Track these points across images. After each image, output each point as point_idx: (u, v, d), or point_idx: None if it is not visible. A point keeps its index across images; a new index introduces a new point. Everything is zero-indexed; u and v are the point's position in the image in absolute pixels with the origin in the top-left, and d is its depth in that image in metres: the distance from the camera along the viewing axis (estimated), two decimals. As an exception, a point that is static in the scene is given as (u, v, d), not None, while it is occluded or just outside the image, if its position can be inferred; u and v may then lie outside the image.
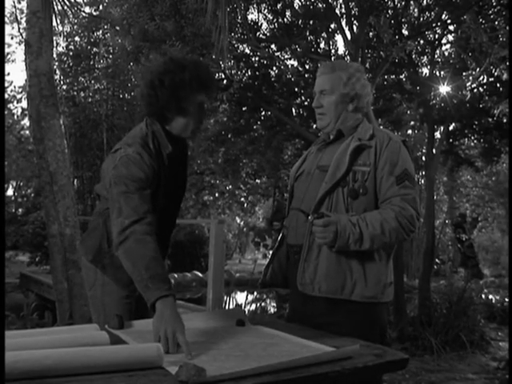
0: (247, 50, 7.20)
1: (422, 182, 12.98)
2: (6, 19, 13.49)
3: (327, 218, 1.84)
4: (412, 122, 9.22)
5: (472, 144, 9.77)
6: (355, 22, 6.32)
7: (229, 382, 1.17)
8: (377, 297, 1.92)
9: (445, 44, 7.42)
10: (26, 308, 5.61)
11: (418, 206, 1.92)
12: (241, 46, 7.10)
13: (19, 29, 10.54)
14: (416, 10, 6.74)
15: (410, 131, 11.71)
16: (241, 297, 11.51)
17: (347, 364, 1.36)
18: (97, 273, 2.12)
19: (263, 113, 7.90)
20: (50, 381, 1.15)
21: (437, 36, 6.93)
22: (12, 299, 7.96)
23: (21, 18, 9.16)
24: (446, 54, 7.56)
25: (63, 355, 1.20)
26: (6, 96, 16.24)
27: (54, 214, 4.85)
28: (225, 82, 6.99)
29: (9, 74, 30.88)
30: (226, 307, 6.87)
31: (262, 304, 11.90)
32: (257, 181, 12.29)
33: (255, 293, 13.20)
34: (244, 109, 7.72)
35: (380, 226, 1.84)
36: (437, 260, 14.33)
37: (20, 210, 15.79)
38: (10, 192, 17.82)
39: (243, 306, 9.45)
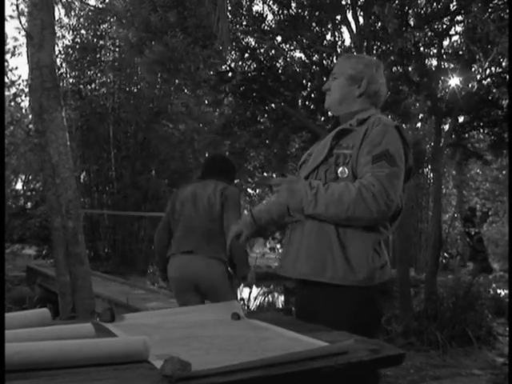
0: (252, 42, 7.14)
1: (430, 175, 12.90)
2: (14, 13, 13.51)
3: (282, 178, 1.89)
4: (420, 115, 9.10)
5: (481, 137, 9.63)
6: (361, 12, 6.25)
7: (215, 377, 1.12)
8: (366, 281, 1.84)
9: (453, 35, 7.30)
10: (29, 301, 5.62)
11: (394, 186, 1.81)
12: (246, 38, 7.03)
13: (20, 21, 10.53)
14: (423, -1, 6.64)
15: (418, 124, 11.61)
16: (247, 290, 11.49)
17: (341, 359, 1.30)
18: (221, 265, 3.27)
19: (269, 105, 7.84)
20: (40, 373, 1.11)
21: (445, 27, 6.83)
22: (18, 292, 7.97)
23: (25, 12, 9.12)
24: (455, 45, 7.44)
25: (48, 348, 1.16)
26: (15, 90, 16.26)
27: (56, 206, 4.84)
28: (230, 74, 6.94)
29: (17, 68, 31.01)
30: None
31: (270, 299, 11.85)
32: (264, 174, 12.23)
33: (262, 286, 13.16)
34: (249, 101, 7.67)
35: (340, 193, 1.79)
36: (445, 254, 14.25)
37: (29, 203, 15.79)
38: (19, 186, 17.89)
39: (250, 300, 9.37)
